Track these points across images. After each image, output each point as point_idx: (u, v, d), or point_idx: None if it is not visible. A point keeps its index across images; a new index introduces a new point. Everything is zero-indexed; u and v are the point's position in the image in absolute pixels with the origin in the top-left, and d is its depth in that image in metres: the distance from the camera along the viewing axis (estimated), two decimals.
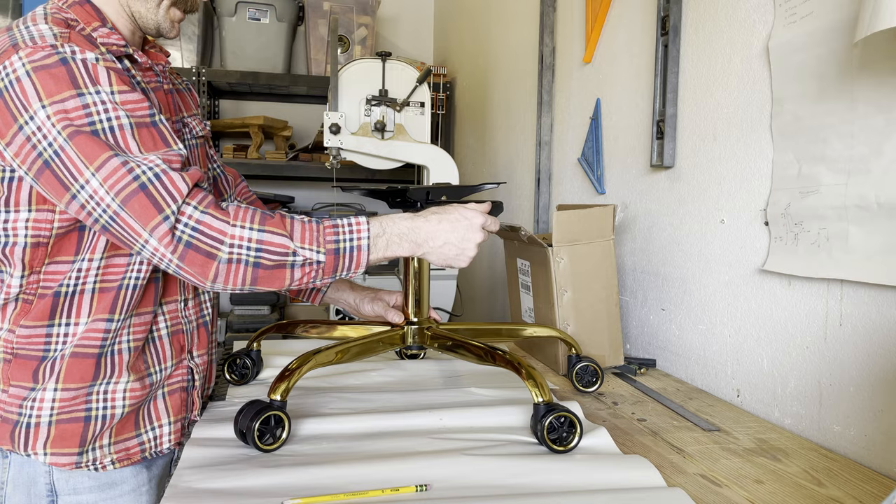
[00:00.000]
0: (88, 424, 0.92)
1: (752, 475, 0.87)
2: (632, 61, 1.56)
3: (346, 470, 0.84)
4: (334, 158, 2.05)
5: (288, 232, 0.86)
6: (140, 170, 0.81)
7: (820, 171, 1.00)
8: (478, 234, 0.97)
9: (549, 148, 2.06)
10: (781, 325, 1.10)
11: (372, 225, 0.91)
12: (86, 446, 0.92)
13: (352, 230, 0.90)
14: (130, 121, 0.84)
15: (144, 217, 0.81)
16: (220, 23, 3.16)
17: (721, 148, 1.25)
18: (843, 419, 0.98)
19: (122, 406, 0.94)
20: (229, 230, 0.83)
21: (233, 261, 0.83)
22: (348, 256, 0.89)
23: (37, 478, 0.92)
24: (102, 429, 0.93)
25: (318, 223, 0.89)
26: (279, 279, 0.86)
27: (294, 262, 0.86)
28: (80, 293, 0.91)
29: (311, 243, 0.87)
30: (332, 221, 0.90)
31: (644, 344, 1.52)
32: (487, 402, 1.11)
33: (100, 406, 0.93)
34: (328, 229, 0.89)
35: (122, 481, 0.97)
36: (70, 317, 0.91)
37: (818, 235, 1.00)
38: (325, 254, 0.87)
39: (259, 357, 1.27)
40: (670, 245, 1.41)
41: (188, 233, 0.82)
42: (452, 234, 0.95)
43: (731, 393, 1.22)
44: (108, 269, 0.92)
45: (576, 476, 0.84)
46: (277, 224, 0.86)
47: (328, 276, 0.89)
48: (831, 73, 0.97)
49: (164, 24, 0.99)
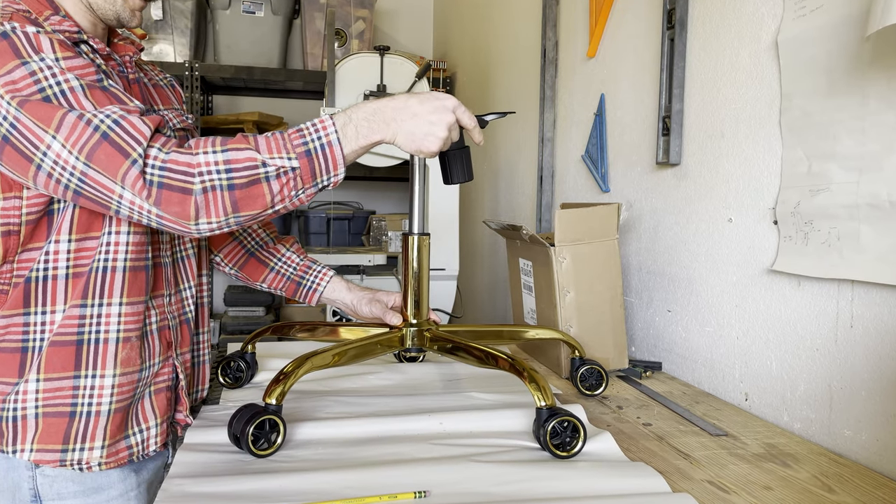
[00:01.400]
0: (73, 420, 0.92)
1: (760, 481, 0.87)
2: (637, 56, 1.56)
3: (342, 476, 0.84)
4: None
5: (253, 146, 0.86)
6: (98, 119, 0.82)
7: (830, 168, 1.00)
8: (448, 114, 0.94)
9: (552, 145, 2.06)
10: (791, 326, 1.10)
11: (336, 118, 0.90)
12: (70, 443, 0.92)
13: (317, 128, 0.88)
14: (81, 82, 0.84)
15: (112, 167, 0.81)
16: (214, 16, 3.16)
17: (729, 145, 1.25)
18: (855, 423, 0.98)
19: (109, 403, 0.93)
20: (195, 160, 0.83)
21: (207, 189, 0.83)
22: (321, 155, 0.88)
23: (20, 483, 0.93)
24: (87, 425, 0.93)
25: (281, 133, 0.88)
26: (259, 196, 0.85)
27: (268, 174, 0.85)
28: (52, 279, 0.91)
29: (280, 151, 0.86)
30: (296, 127, 0.89)
31: (649, 346, 1.52)
32: (488, 406, 1.11)
33: (85, 402, 0.92)
34: (293, 134, 0.88)
35: (109, 486, 0.97)
36: (45, 304, 0.91)
37: (829, 235, 1.00)
38: (297, 158, 0.86)
39: (253, 360, 1.27)
40: (676, 244, 1.41)
41: (157, 174, 0.82)
42: (420, 107, 0.93)
43: (739, 397, 1.22)
44: (80, 252, 0.92)
45: (579, 483, 0.84)
46: (240, 140, 0.86)
47: (308, 182, 0.88)
48: (842, 68, 0.97)
49: (124, 13, 0.99)
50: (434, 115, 0.93)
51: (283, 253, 1.28)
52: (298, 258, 1.28)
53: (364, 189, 3.69)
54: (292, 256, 1.28)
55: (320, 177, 0.88)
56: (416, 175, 1.15)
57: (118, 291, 0.94)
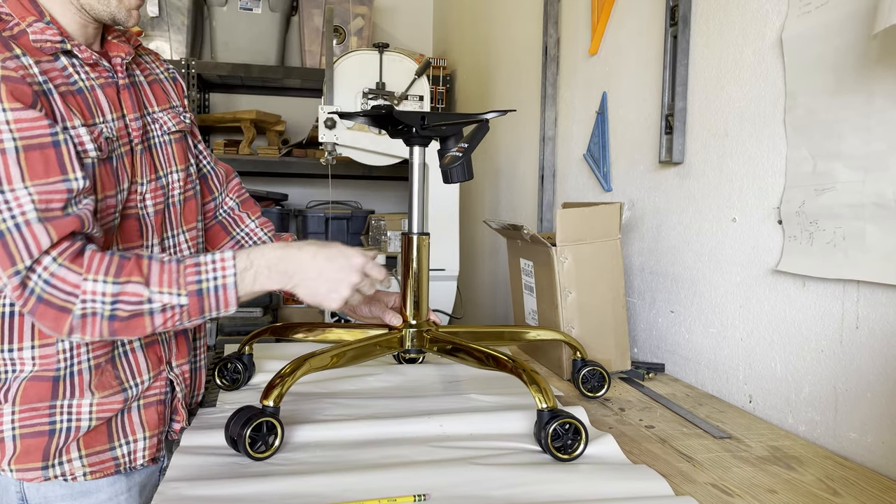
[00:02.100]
0: (52, 438, 0.93)
1: (764, 484, 0.87)
2: (639, 53, 1.56)
3: (341, 479, 0.84)
4: (329, 154, 2.05)
5: (144, 277, 0.85)
6: (2, 216, 0.81)
7: (835, 167, 1.00)
8: (355, 275, 0.96)
9: (554, 143, 2.06)
10: (795, 327, 1.10)
11: (239, 259, 0.90)
12: (51, 460, 0.93)
13: (216, 268, 0.88)
14: (17, 144, 0.81)
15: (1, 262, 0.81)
16: (211, 13, 3.16)
17: (732, 143, 1.25)
18: (860, 426, 0.98)
19: (89, 419, 0.94)
20: (83, 284, 0.83)
21: (87, 315, 0.83)
22: (214, 296, 0.88)
23: (7, 486, 0.94)
24: (67, 441, 0.93)
25: (178, 262, 0.87)
26: (139, 328, 0.86)
27: (152, 310, 0.85)
28: (19, 315, 0.91)
29: (171, 286, 0.86)
30: (194, 259, 0.88)
31: (652, 347, 1.52)
32: (489, 409, 1.11)
33: (63, 419, 0.93)
34: (189, 269, 0.87)
35: (97, 490, 0.97)
36: (12, 342, 0.91)
37: (834, 234, 1.00)
38: (188, 295, 0.86)
39: (251, 361, 1.27)
40: (679, 244, 1.41)
41: (41, 286, 0.82)
42: (328, 268, 0.94)
43: (742, 399, 1.22)
44: None
45: (581, 486, 0.84)
46: (133, 270, 0.85)
47: (195, 317, 0.88)
48: (847, 66, 0.97)
49: (119, 13, 0.96)
50: (340, 274, 0.95)
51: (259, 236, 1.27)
52: None
53: (363, 188, 3.69)
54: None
55: (209, 312, 0.89)
56: (416, 174, 1.15)
57: None
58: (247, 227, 1.27)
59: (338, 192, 3.65)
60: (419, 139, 1.14)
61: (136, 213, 0.99)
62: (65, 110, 0.88)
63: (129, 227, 0.99)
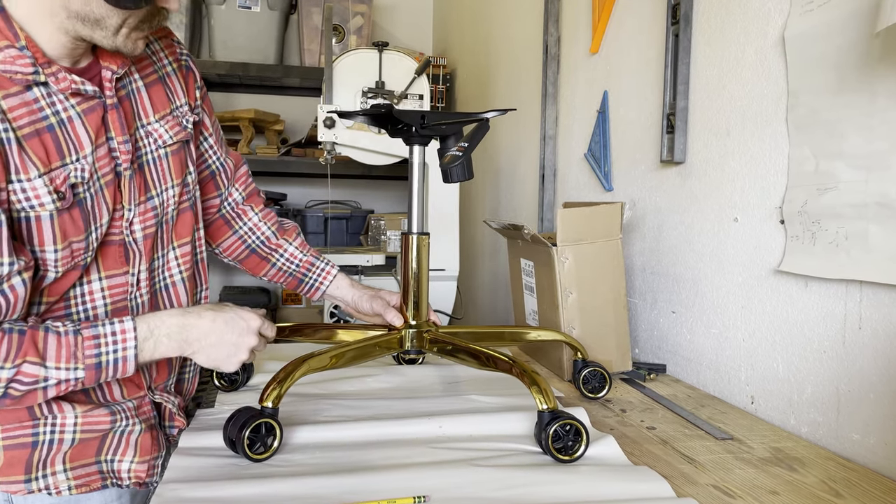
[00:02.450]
0: (35, 450, 0.92)
1: (767, 486, 0.87)
2: (641, 52, 1.56)
3: (340, 480, 0.84)
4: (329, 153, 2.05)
5: (40, 355, 0.82)
6: None
7: (838, 167, 1.00)
8: (252, 337, 0.96)
9: (554, 142, 2.06)
10: (798, 328, 1.10)
11: (139, 328, 0.88)
12: (33, 472, 0.92)
13: (115, 340, 0.87)
14: None
15: None
16: (209, 11, 3.16)
17: (734, 142, 1.25)
18: (863, 427, 0.98)
19: (73, 432, 0.93)
20: None
21: None
22: (112, 367, 0.87)
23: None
24: (51, 454, 0.92)
25: (76, 334, 0.85)
26: (30, 400, 0.85)
27: (47, 385, 0.83)
28: None
29: (69, 361, 0.84)
30: (93, 332, 0.86)
31: (654, 348, 1.52)
32: (489, 410, 1.11)
33: (47, 430, 0.92)
34: (88, 341, 0.85)
35: (87, 500, 0.96)
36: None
37: (836, 234, 1.00)
38: (85, 369, 0.85)
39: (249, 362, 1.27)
40: (681, 244, 1.41)
41: None
42: (227, 333, 0.94)
43: (744, 400, 1.22)
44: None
45: (582, 487, 0.84)
46: (28, 349, 0.82)
47: (89, 384, 0.87)
48: (850, 65, 0.97)
49: (126, 47, 0.89)
50: (239, 339, 0.95)
51: (285, 249, 1.26)
52: (301, 254, 1.27)
53: (362, 188, 3.69)
54: (295, 252, 1.27)
55: (105, 379, 0.87)
56: (416, 174, 1.15)
57: None
58: (250, 222, 1.25)
59: (337, 191, 3.65)
60: (419, 138, 1.14)
61: (121, 240, 0.96)
62: (20, 161, 0.83)
63: (113, 253, 0.95)
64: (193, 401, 1.18)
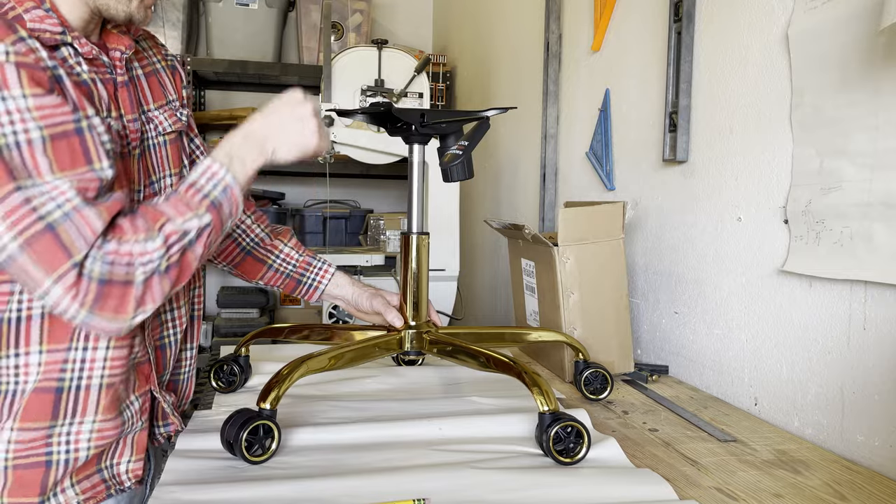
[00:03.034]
0: (49, 470, 0.90)
1: (770, 489, 0.87)
2: (643, 50, 1.56)
3: (339, 483, 0.84)
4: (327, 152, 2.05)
5: (167, 216, 0.85)
6: (47, 208, 0.77)
7: (842, 166, 1.00)
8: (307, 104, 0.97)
9: (556, 141, 2.06)
10: (802, 329, 1.10)
11: (217, 158, 0.91)
12: (47, 493, 0.90)
13: (208, 177, 0.89)
14: (43, 133, 0.78)
15: (49, 262, 0.77)
16: (207, 8, 3.16)
17: (737, 141, 1.25)
18: (868, 429, 0.98)
19: (87, 448, 0.92)
20: (134, 249, 0.81)
21: (148, 277, 0.83)
22: (226, 201, 0.90)
23: None
24: (65, 473, 0.91)
25: (175, 194, 0.88)
26: (187, 266, 0.87)
27: (191, 240, 0.86)
28: (26, 319, 0.88)
29: (189, 210, 0.86)
30: (186, 183, 0.89)
31: (656, 349, 1.52)
32: (489, 411, 1.11)
33: (62, 449, 0.91)
34: (189, 191, 0.88)
35: None
36: (18, 346, 0.88)
37: (841, 234, 1.00)
38: (207, 211, 0.87)
39: (247, 363, 1.27)
40: (683, 244, 1.41)
41: (99, 268, 0.79)
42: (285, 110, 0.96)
43: (748, 401, 1.22)
44: None
45: (583, 490, 0.84)
46: (157, 215, 0.85)
47: (218, 233, 0.90)
48: (854, 63, 0.97)
49: (138, 13, 0.94)
50: (297, 111, 0.96)
51: (280, 249, 1.26)
52: (297, 254, 1.27)
53: (361, 187, 3.69)
54: (291, 253, 1.26)
55: (227, 221, 0.91)
56: (415, 173, 1.15)
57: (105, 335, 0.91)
58: (243, 225, 1.25)
59: (335, 190, 3.65)
60: (418, 137, 1.14)
61: None
62: (77, 98, 0.85)
63: None
64: (191, 402, 1.18)
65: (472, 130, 1.12)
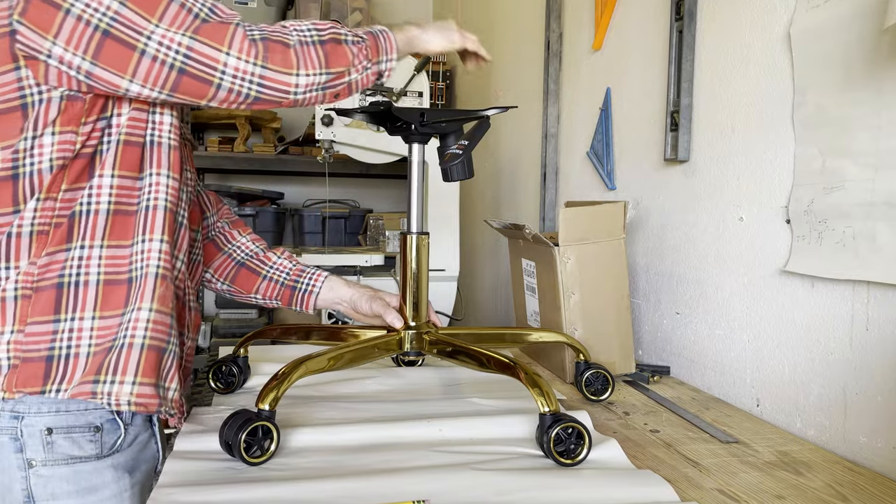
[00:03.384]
0: (110, 353, 0.92)
1: (772, 490, 0.87)
2: (644, 48, 1.56)
3: (338, 484, 0.84)
4: (326, 152, 2.05)
5: None
6: (197, 7, 0.88)
7: (845, 165, 1.00)
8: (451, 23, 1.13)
9: (556, 141, 2.06)
10: (804, 329, 1.10)
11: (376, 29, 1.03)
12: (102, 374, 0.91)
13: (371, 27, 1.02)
14: None
15: (218, 35, 0.88)
16: None
17: (739, 140, 1.25)
18: (870, 430, 0.98)
19: (143, 337, 0.93)
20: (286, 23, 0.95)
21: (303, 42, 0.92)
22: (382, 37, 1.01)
23: (12, 484, 0.92)
24: (119, 359, 0.92)
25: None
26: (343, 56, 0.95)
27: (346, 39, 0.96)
28: (94, 213, 0.93)
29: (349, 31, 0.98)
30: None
31: (657, 350, 1.52)
32: (490, 412, 1.11)
33: (122, 334, 0.93)
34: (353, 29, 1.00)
35: (104, 486, 0.96)
36: (85, 239, 0.93)
37: (843, 234, 1.00)
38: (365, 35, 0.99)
39: (246, 364, 1.27)
40: (685, 244, 1.41)
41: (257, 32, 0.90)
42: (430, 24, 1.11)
43: (750, 402, 1.22)
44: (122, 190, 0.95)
45: (584, 492, 0.84)
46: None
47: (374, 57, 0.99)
48: (857, 62, 0.97)
49: None
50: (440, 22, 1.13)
51: (273, 261, 1.27)
52: (290, 264, 1.27)
53: (360, 187, 3.69)
54: (284, 262, 1.27)
55: (382, 55, 1.00)
56: (415, 172, 1.15)
57: (159, 229, 0.96)
58: (237, 241, 1.27)
59: (335, 190, 3.65)
60: (418, 136, 1.14)
61: None
62: None
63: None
64: (188, 401, 1.18)
65: (473, 130, 1.12)
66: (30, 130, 0.89)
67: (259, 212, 3.27)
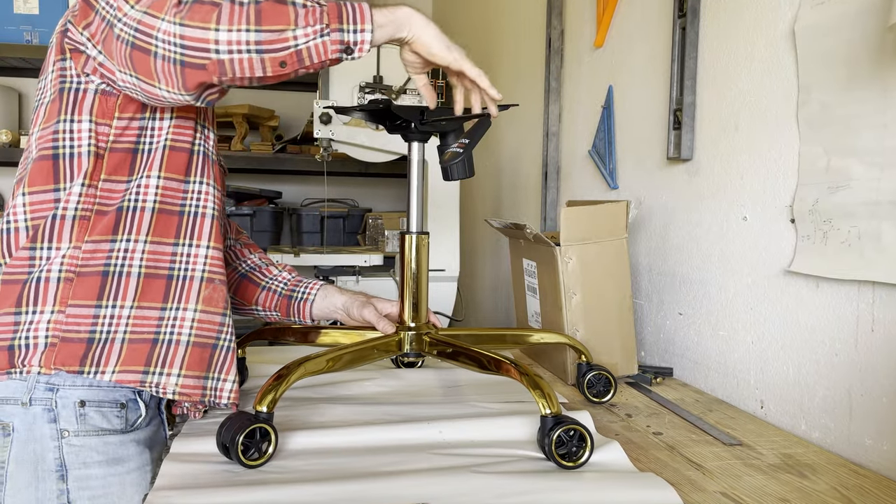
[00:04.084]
0: (155, 346, 0.99)
1: (776, 493, 0.87)
2: (647, 46, 1.56)
3: (337, 487, 0.84)
4: (325, 150, 2.05)
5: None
6: None
7: (850, 164, 1.00)
8: None
9: (558, 139, 2.06)
10: (809, 330, 1.10)
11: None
12: (151, 366, 0.98)
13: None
14: None
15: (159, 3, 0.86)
16: None
17: (743, 139, 1.25)
18: (876, 432, 0.98)
19: (189, 335, 1.00)
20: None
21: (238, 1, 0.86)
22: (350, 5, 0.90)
23: (44, 454, 0.96)
24: (167, 353, 0.99)
25: None
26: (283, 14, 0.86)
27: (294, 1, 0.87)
28: (140, 210, 0.99)
29: None
30: None
31: (660, 351, 1.52)
32: (491, 414, 1.11)
33: (167, 331, 0.99)
34: None
35: (129, 458, 1.02)
36: (131, 233, 0.99)
37: (849, 234, 1.00)
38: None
39: (244, 365, 1.27)
40: (688, 244, 1.41)
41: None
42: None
43: (754, 404, 1.22)
44: (167, 191, 1.01)
45: (586, 494, 0.84)
46: None
47: (334, 23, 0.87)
48: (862, 59, 0.97)
49: None
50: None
51: (274, 273, 1.32)
52: (289, 276, 1.33)
53: (359, 186, 3.69)
54: (283, 274, 1.32)
55: (347, 23, 0.88)
56: (415, 171, 1.15)
57: (206, 235, 1.03)
58: (246, 258, 1.32)
59: (333, 189, 3.65)
60: (418, 135, 1.14)
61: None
62: None
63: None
64: None
65: (473, 128, 1.12)
66: (66, 114, 0.98)
67: (257, 211, 3.27)
